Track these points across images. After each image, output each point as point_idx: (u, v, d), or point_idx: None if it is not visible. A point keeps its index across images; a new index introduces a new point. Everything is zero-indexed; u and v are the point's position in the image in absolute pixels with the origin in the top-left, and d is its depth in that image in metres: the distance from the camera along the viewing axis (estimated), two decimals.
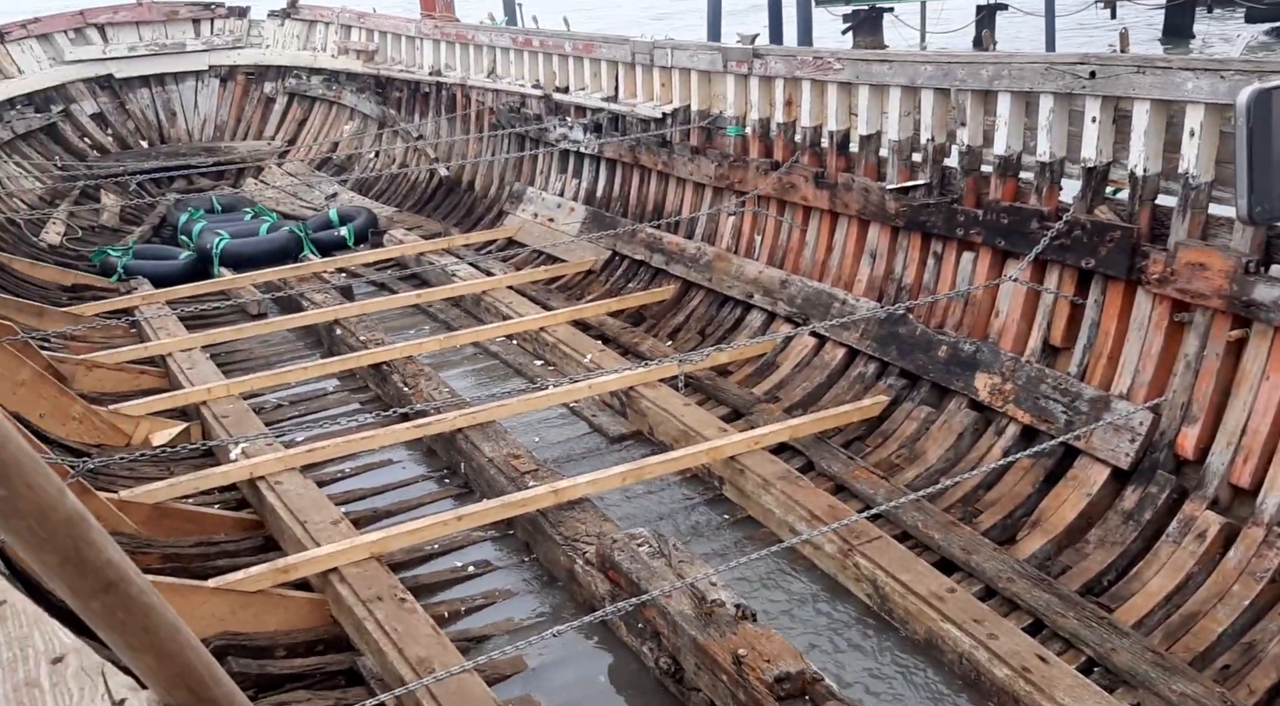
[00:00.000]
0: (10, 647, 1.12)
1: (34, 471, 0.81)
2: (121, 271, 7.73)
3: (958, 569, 3.79)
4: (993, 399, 4.51)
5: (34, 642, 1.12)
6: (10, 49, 10.39)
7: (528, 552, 4.22)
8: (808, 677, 3.02)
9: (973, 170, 4.91)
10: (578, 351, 5.81)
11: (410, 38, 9.90)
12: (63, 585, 0.88)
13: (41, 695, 1.04)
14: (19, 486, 0.81)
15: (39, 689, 1.05)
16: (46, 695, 1.04)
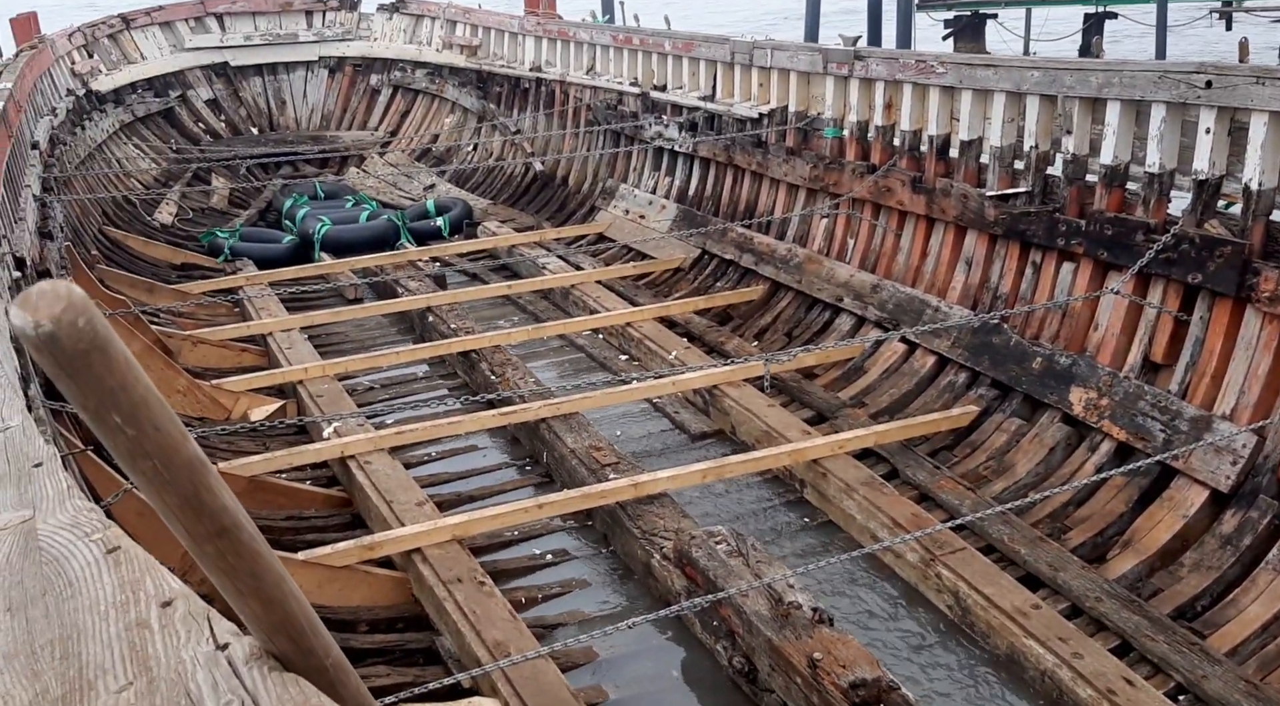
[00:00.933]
0: (123, 590, 1.19)
1: (161, 414, 0.86)
2: (228, 252, 8.01)
3: (1043, 585, 3.71)
4: (1087, 414, 4.39)
5: (145, 587, 1.19)
6: (135, 35, 10.85)
7: (605, 544, 4.26)
8: (884, 685, 2.99)
9: (1077, 179, 4.78)
10: (663, 348, 5.83)
11: (513, 34, 10.05)
12: (180, 527, 0.93)
13: (151, 635, 1.11)
14: (147, 427, 0.86)
15: (149, 629, 1.11)
16: (155, 635, 1.10)
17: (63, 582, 1.24)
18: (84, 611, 1.17)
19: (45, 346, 0.81)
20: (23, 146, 5.99)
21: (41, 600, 1.21)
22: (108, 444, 0.88)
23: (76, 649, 1.11)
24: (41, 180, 6.10)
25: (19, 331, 0.81)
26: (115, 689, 1.05)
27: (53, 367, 0.82)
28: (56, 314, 0.81)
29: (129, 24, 10.84)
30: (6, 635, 1.15)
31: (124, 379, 0.85)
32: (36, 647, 1.12)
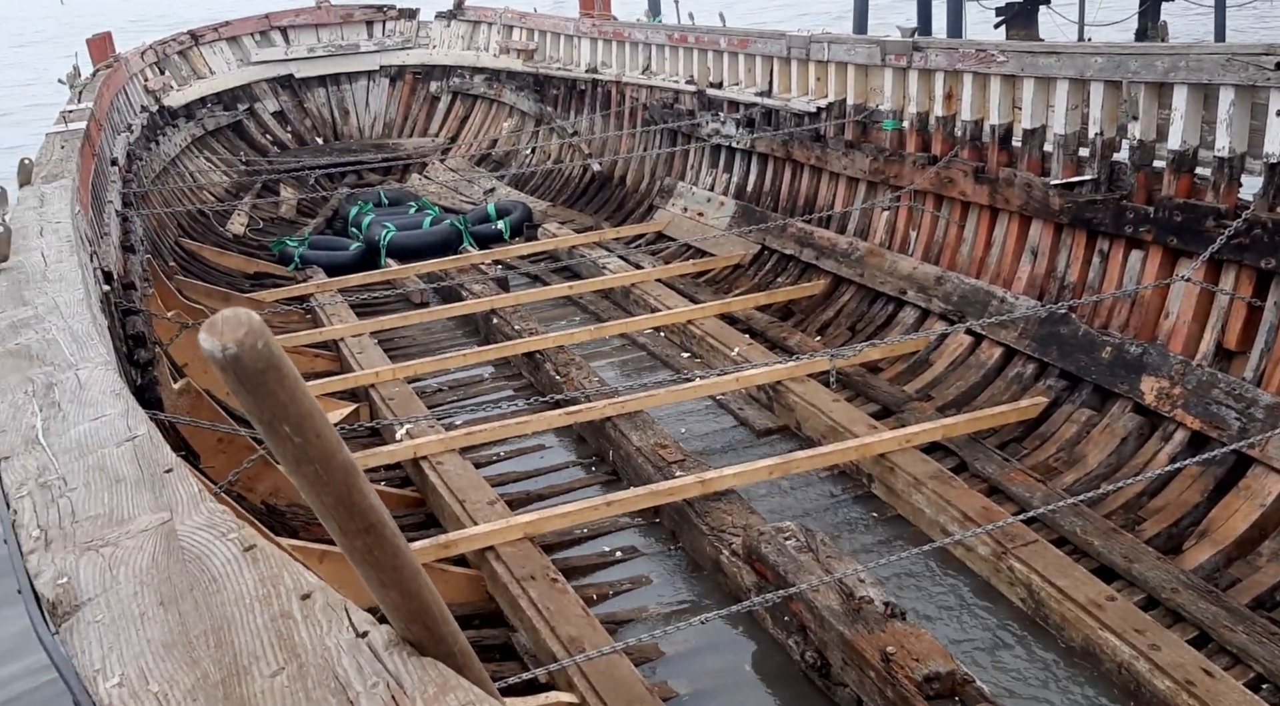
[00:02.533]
0: (264, 584, 1.27)
1: (321, 424, 0.95)
2: (298, 261, 8.22)
3: (1118, 577, 3.67)
4: (1160, 403, 4.33)
5: (284, 581, 1.27)
6: (204, 51, 11.17)
7: (674, 541, 4.31)
8: (958, 678, 3.00)
9: (1144, 166, 4.71)
10: (725, 344, 5.86)
11: (569, 36, 10.14)
12: (334, 524, 1.03)
13: (295, 625, 1.19)
14: (310, 436, 0.96)
15: (292, 619, 1.20)
16: (299, 625, 1.19)
17: (207, 578, 1.32)
18: (230, 604, 1.26)
19: (230, 366, 0.91)
20: (104, 163, 6.22)
21: (190, 594, 1.29)
22: (277, 450, 0.96)
23: (228, 638, 1.20)
24: (122, 195, 6.32)
25: (208, 354, 0.91)
26: (269, 673, 1.13)
27: (235, 384, 0.92)
28: (240, 338, 0.91)
29: (198, 40, 11.16)
30: (163, 626, 1.24)
31: (293, 393, 0.95)
32: (192, 637, 1.21)
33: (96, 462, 1.76)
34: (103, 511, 1.58)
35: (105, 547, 1.46)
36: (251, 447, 4.08)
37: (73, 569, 1.42)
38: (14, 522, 1.61)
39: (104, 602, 1.33)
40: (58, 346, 2.49)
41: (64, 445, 1.88)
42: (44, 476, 1.75)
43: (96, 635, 1.27)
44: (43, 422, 1.99)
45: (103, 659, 1.22)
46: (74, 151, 5.30)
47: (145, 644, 1.23)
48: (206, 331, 0.93)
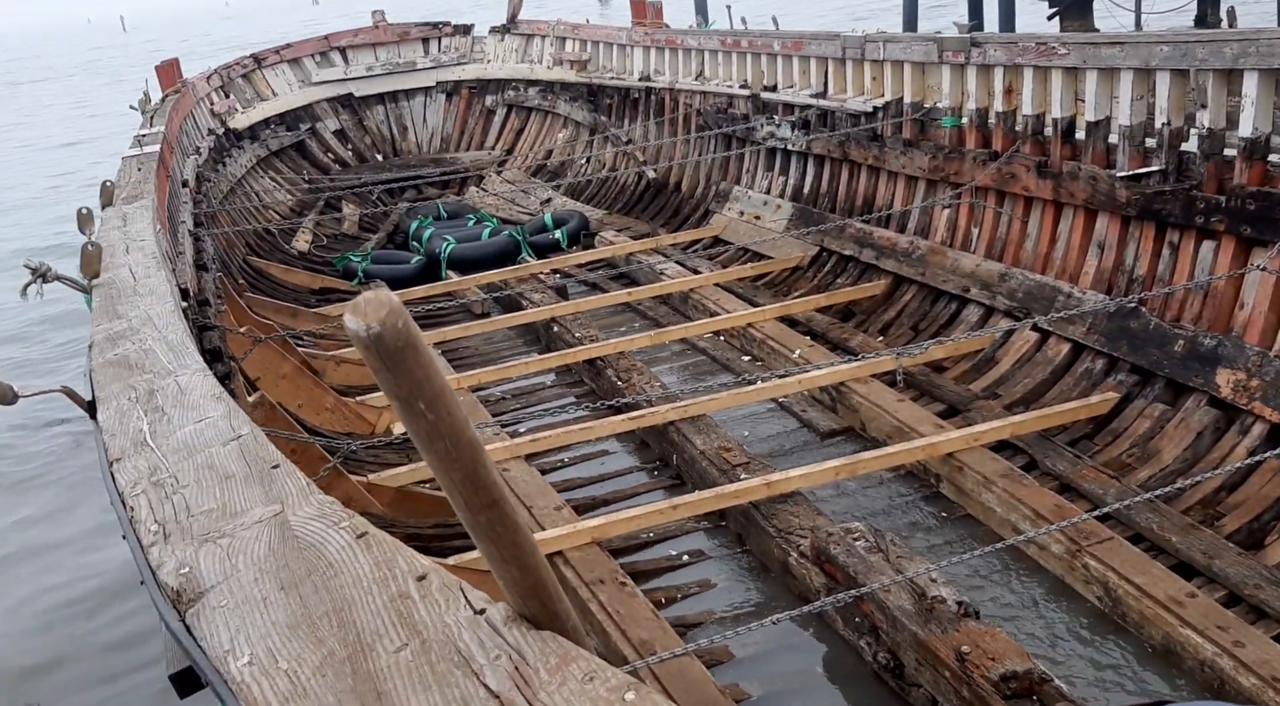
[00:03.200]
0: (379, 568, 1.32)
1: (452, 402, 1.02)
2: (361, 275, 8.37)
3: (1197, 573, 3.59)
4: (1236, 396, 4.22)
5: (398, 564, 1.32)
6: (266, 73, 11.45)
7: (740, 544, 4.30)
8: (1035, 677, 2.95)
9: (1214, 154, 4.61)
10: (786, 347, 5.84)
11: (621, 46, 10.20)
12: (460, 500, 1.08)
13: (414, 604, 1.23)
14: (443, 413, 1.02)
15: (410, 599, 1.25)
16: (418, 604, 1.23)
17: (324, 564, 1.37)
18: (349, 587, 1.30)
19: (374, 344, 0.97)
20: (176, 185, 6.41)
21: (309, 579, 1.34)
22: (411, 427, 1.01)
23: (350, 618, 1.24)
24: (194, 216, 6.51)
25: (353, 333, 0.97)
26: (393, 649, 1.17)
27: (377, 362, 0.98)
28: (382, 317, 0.97)
29: (260, 63, 11.44)
30: (286, 609, 1.29)
31: (428, 372, 1.00)
32: (315, 618, 1.25)
33: (205, 461, 1.83)
34: (216, 506, 1.64)
35: (222, 539, 1.52)
36: (324, 458, 4.17)
37: (193, 559, 1.48)
38: (131, 519, 1.68)
39: (226, 589, 1.38)
40: (155, 355, 2.57)
41: (172, 446, 1.95)
42: (156, 475, 1.82)
43: (222, 619, 1.32)
44: (149, 426, 2.07)
45: (231, 640, 1.27)
46: (150, 173, 5.48)
47: (270, 625, 1.27)
48: (351, 312, 0.98)
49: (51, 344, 9.71)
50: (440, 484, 1.08)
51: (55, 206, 15.93)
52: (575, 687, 1.07)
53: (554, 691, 1.07)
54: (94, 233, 3.92)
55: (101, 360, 2.63)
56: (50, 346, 9.65)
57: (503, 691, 1.08)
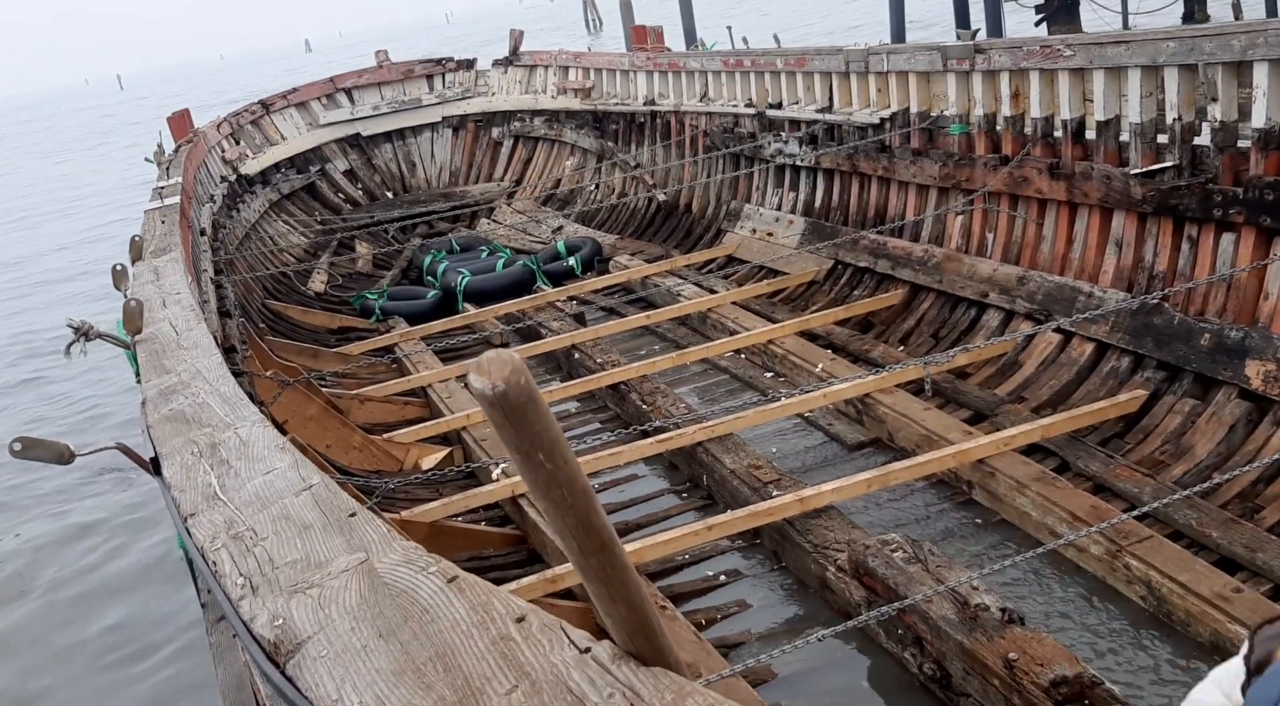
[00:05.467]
0: (475, 611, 1.32)
1: (567, 450, 1.07)
2: (379, 313, 8.42)
3: (1241, 568, 3.56)
4: (1268, 387, 4.20)
5: (494, 607, 1.32)
6: (275, 118, 11.57)
7: (776, 561, 4.29)
8: (1086, 681, 2.93)
9: (1228, 147, 4.61)
10: (808, 361, 5.84)
11: (624, 71, 10.27)
12: (573, 543, 1.11)
13: (517, 646, 1.24)
14: (559, 461, 1.07)
15: (513, 641, 1.25)
16: (521, 646, 1.24)
17: (418, 610, 1.37)
18: (448, 632, 1.30)
19: (499, 402, 1.02)
20: (195, 235, 6.48)
21: (405, 626, 1.35)
22: (529, 477, 1.04)
23: (454, 662, 1.24)
24: (213, 264, 6.57)
25: (478, 393, 1.02)
26: (503, 691, 1.17)
27: (501, 418, 1.03)
28: (506, 375, 1.03)
29: (268, 109, 11.57)
30: (387, 656, 1.29)
31: (546, 423, 1.05)
32: (419, 664, 1.26)
33: (280, 512, 1.84)
34: (299, 557, 1.64)
35: (311, 589, 1.52)
36: (360, 499, 4.18)
37: (285, 610, 1.48)
38: (215, 573, 1.69)
39: (324, 639, 1.38)
40: (210, 409, 2.59)
41: (244, 498, 1.96)
42: (233, 529, 1.83)
43: (325, 669, 1.32)
44: (217, 480, 2.08)
45: (337, 690, 1.27)
46: (174, 225, 5.55)
47: (375, 673, 1.27)
48: (475, 372, 1.04)
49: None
50: (553, 529, 1.12)
51: None
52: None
53: None
54: (129, 289, 3.96)
55: (158, 416, 2.65)
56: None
57: None
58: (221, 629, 3.07)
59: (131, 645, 5.41)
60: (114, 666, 5.29)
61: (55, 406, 9.83)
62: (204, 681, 4.56)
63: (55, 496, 7.59)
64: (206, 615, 3.30)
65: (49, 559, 6.71)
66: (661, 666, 1.16)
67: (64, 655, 5.48)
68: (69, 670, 5.37)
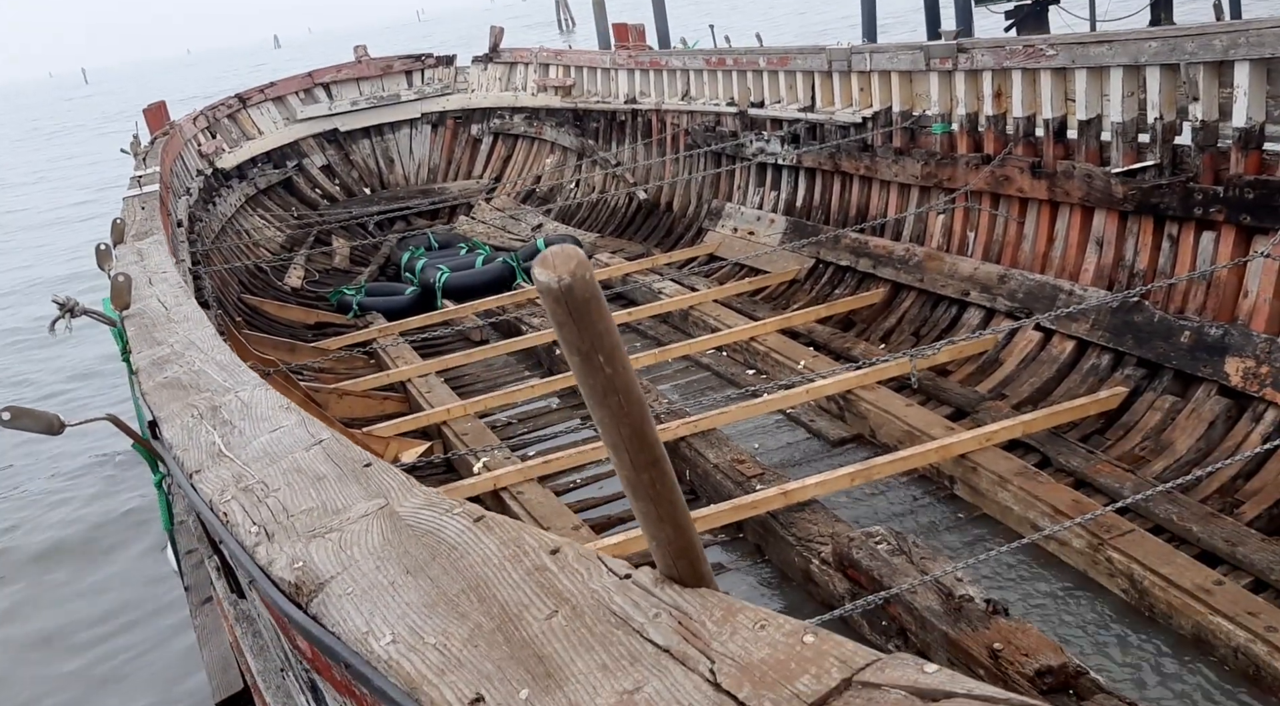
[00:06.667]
0: (507, 546, 1.29)
1: (626, 357, 1.03)
2: (356, 308, 8.35)
3: (1222, 561, 3.58)
4: (1247, 383, 4.24)
5: (525, 542, 1.29)
6: (252, 113, 11.46)
7: (760, 555, 4.28)
8: (1071, 670, 2.94)
9: (1209, 146, 4.65)
10: (789, 358, 5.84)
11: (605, 69, 10.26)
12: (626, 456, 1.08)
13: (553, 576, 1.21)
14: (619, 367, 1.04)
15: (549, 572, 1.22)
16: (558, 575, 1.21)
17: (446, 548, 1.34)
18: (479, 566, 1.27)
19: (564, 295, 0.99)
20: (173, 225, 6.40)
21: (434, 562, 1.31)
22: (588, 383, 1.02)
23: (489, 593, 1.21)
24: (190, 255, 6.49)
25: (543, 286, 0.99)
26: (543, 617, 1.14)
27: (564, 314, 1.00)
28: (572, 269, 0.99)
29: (245, 103, 11.46)
30: (417, 591, 1.26)
31: (608, 325, 1.02)
32: (451, 596, 1.23)
33: (291, 466, 1.79)
34: (314, 505, 1.60)
35: (330, 533, 1.48)
36: None
37: (304, 554, 1.44)
38: (226, 522, 1.64)
39: (349, 578, 1.34)
40: (207, 376, 2.54)
41: (251, 455, 1.91)
42: (243, 482, 1.78)
43: (352, 605, 1.28)
44: (222, 439, 2.03)
45: (367, 623, 1.23)
46: (154, 212, 5.48)
47: (405, 607, 1.24)
48: (540, 265, 1.01)
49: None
50: (607, 442, 1.08)
51: None
52: (749, 635, 1.04)
53: (727, 640, 1.04)
54: (113, 268, 3.89)
55: (153, 383, 2.59)
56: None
57: (671, 645, 1.05)
58: (207, 611, 3.02)
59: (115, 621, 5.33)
60: (92, 657, 5.21)
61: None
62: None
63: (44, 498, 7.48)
64: (190, 598, 3.24)
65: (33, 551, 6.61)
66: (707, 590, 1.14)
67: (38, 644, 5.39)
68: (42, 660, 5.29)
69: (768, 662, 1.00)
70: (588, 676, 1.04)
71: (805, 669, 0.98)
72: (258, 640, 2.59)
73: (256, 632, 2.59)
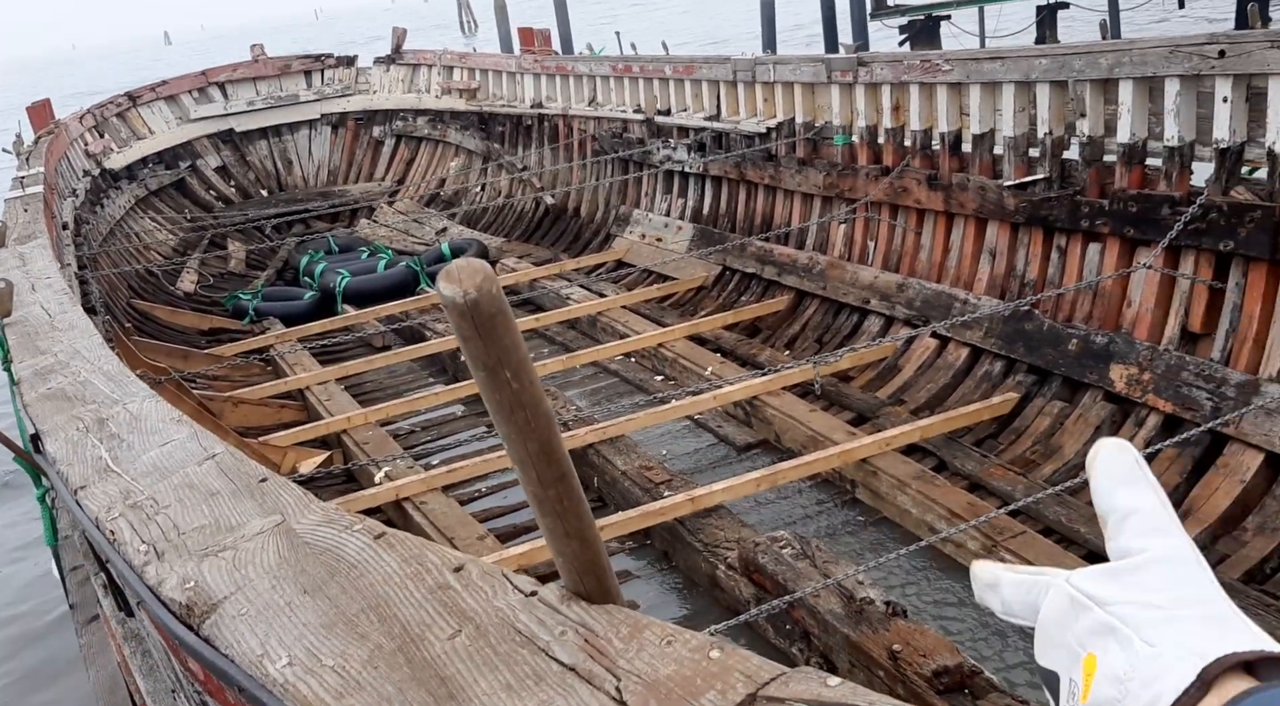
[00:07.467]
0: (408, 564, 1.24)
1: (532, 372, 1.00)
2: (253, 313, 8.11)
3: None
4: (1130, 390, 4.42)
5: (428, 559, 1.25)
6: (142, 111, 11.06)
7: (667, 561, 4.29)
8: (966, 670, 3.01)
9: (1095, 160, 4.85)
10: (697, 365, 5.88)
11: (511, 73, 10.19)
12: (533, 472, 1.05)
13: (457, 594, 1.17)
14: (525, 382, 1.00)
15: (452, 590, 1.18)
16: (462, 593, 1.17)
17: (345, 566, 1.29)
18: (380, 584, 1.22)
19: (470, 310, 0.96)
20: (58, 228, 6.13)
21: (332, 581, 1.26)
22: (494, 398, 0.98)
23: (390, 612, 1.17)
24: (77, 259, 6.22)
25: (448, 300, 0.96)
26: (446, 636, 1.11)
27: (470, 328, 0.97)
28: (478, 283, 0.97)
29: (135, 101, 11.05)
30: (315, 611, 1.21)
31: (515, 339, 0.99)
32: (350, 616, 1.18)
33: (183, 481, 1.71)
34: (207, 522, 1.53)
35: (224, 552, 1.42)
36: None
37: (196, 573, 1.37)
38: (113, 541, 1.56)
39: (243, 598, 1.29)
40: (94, 386, 2.42)
41: (140, 470, 1.82)
42: (131, 499, 1.69)
43: (247, 626, 1.23)
44: (109, 453, 1.93)
45: (262, 645, 1.19)
46: (38, 214, 5.25)
47: (303, 627, 1.19)
48: (444, 279, 0.98)
49: None
50: (513, 457, 1.06)
51: None
52: (656, 651, 1.03)
53: (633, 657, 1.03)
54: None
55: (35, 395, 2.46)
56: None
57: (577, 663, 1.04)
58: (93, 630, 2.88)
59: None
60: None
61: None
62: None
63: None
64: (76, 616, 3.10)
65: None
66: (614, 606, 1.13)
67: None
68: None
69: (674, 679, 0.99)
70: (491, 697, 1.02)
71: (711, 685, 0.97)
72: (147, 659, 2.49)
73: (146, 652, 2.48)
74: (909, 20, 18.70)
